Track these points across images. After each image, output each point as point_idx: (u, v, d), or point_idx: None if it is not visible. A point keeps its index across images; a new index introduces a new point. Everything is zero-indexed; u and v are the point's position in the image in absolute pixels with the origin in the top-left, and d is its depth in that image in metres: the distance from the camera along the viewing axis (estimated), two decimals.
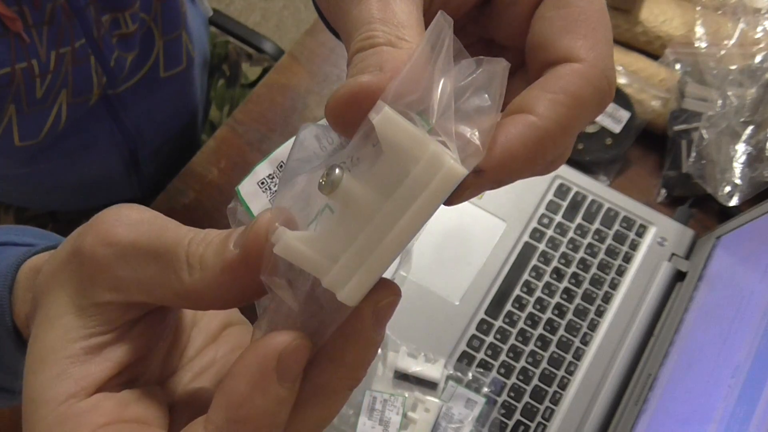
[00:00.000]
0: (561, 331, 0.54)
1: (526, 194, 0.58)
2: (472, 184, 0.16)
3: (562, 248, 0.56)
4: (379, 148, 0.15)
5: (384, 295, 0.16)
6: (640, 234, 0.57)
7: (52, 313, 0.18)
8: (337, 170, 0.15)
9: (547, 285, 0.55)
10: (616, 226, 0.57)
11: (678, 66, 0.60)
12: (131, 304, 0.18)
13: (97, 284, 0.17)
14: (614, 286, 0.55)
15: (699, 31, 0.60)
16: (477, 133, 0.15)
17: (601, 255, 0.56)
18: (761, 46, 0.58)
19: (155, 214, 0.18)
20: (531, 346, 0.53)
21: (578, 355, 0.53)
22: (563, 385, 0.52)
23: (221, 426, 0.15)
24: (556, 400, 0.51)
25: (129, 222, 0.18)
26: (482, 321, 0.53)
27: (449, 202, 0.16)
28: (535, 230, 0.57)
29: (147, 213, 0.18)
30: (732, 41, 0.59)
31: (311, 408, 0.16)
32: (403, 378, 0.50)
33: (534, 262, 0.56)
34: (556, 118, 0.16)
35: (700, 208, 0.60)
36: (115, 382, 0.18)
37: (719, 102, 0.57)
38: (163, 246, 0.17)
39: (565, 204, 0.58)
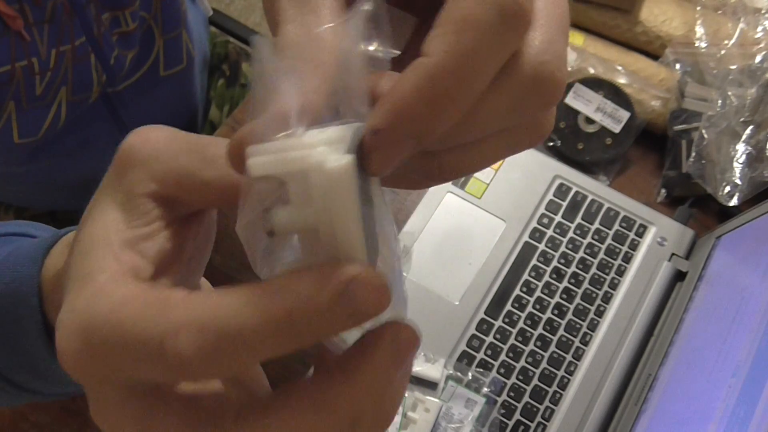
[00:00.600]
0: (561, 331, 0.54)
1: (526, 194, 0.58)
2: (379, 146, 0.15)
3: (562, 248, 0.56)
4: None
5: (405, 331, 0.16)
6: (640, 234, 0.57)
7: (96, 213, 0.19)
8: (271, 214, 0.15)
9: (547, 285, 0.55)
10: (616, 226, 0.57)
11: (678, 66, 0.60)
12: (166, 198, 0.19)
13: (135, 177, 0.19)
14: (614, 286, 0.55)
15: (699, 31, 0.60)
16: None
17: (601, 255, 0.56)
18: (761, 46, 0.58)
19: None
20: (531, 346, 0.53)
21: (578, 355, 0.53)
22: (563, 385, 0.52)
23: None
24: (556, 400, 0.51)
25: (164, 127, 0.19)
26: (482, 321, 0.53)
27: (384, 177, 0.16)
28: (535, 230, 0.57)
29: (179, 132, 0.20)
30: (732, 41, 0.59)
31: (305, 419, 0.16)
32: None
33: (534, 262, 0.56)
34: (445, 49, 0.14)
35: (700, 208, 0.60)
36: (146, 274, 0.18)
37: (719, 102, 0.57)
38: (194, 143, 0.19)
39: (564, 204, 0.58)
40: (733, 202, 0.56)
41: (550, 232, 0.57)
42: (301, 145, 0.15)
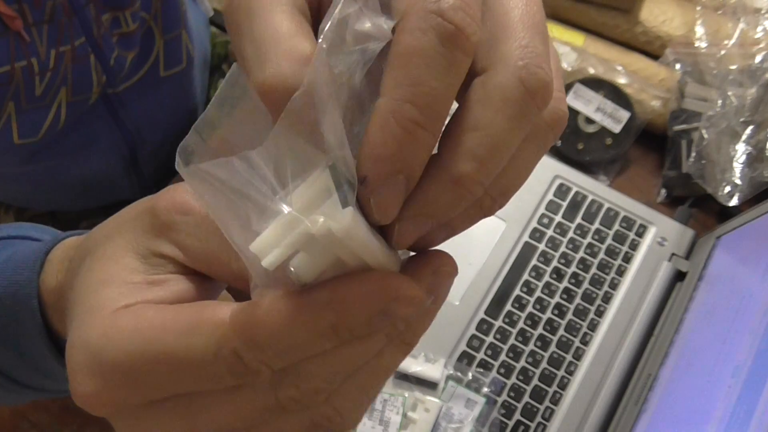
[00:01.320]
0: (561, 331, 0.53)
1: (526, 194, 0.58)
2: (372, 192, 0.15)
3: (562, 248, 0.56)
4: None
5: (449, 265, 0.18)
6: (640, 234, 0.57)
7: (110, 252, 0.19)
8: (292, 269, 0.16)
9: (547, 285, 0.55)
10: (616, 226, 0.57)
11: (678, 66, 0.60)
12: (185, 267, 0.19)
13: (163, 239, 0.19)
14: (614, 286, 0.55)
15: (699, 31, 0.60)
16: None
17: (601, 255, 0.56)
18: (761, 46, 0.58)
19: None
20: (531, 346, 0.53)
21: (578, 355, 0.53)
22: (563, 385, 0.52)
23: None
24: (556, 400, 0.51)
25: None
26: (482, 321, 0.53)
27: (397, 239, 0.17)
28: (535, 230, 0.57)
29: None
30: (732, 41, 0.59)
31: (349, 343, 0.17)
32: (403, 378, 0.50)
33: (534, 262, 0.56)
34: (396, 84, 0.15)
35: (700, 208, 0.60)
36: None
37: (719, 102, 0.57)
38: None
39: (564, 204, 0.58)
40: (733, 202, 0.56)
41: (550, 232, 0.57)
42: (296, 219, 0.15)
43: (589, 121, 0.61)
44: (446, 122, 0.16)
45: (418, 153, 0.15)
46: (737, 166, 0.56)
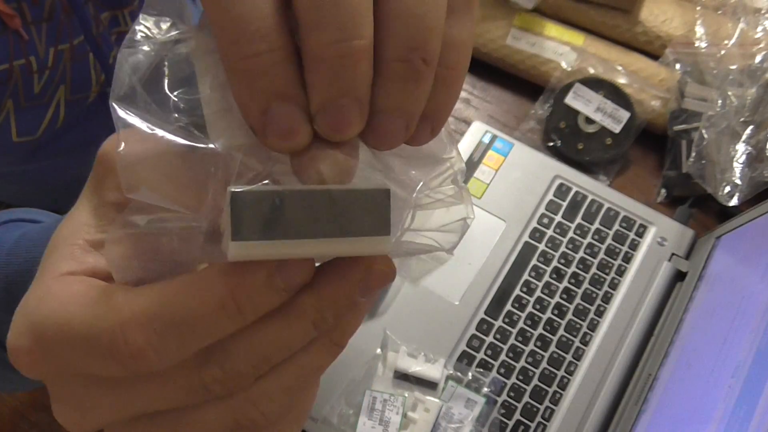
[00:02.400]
0: (561, 331, 0.53)
1: (526, 194, 0.58)
2: (333, 118, 0.16)
3: (562, 248, 0.56)
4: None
5: (382, 264, 0.18)
6: (640, 234, 0.57)
7: (73, 212, 0.20)
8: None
9: (547, 285, 0.55)
10: (616, 226, 0.57)
11: (678, 66, 0.60)
12: None
13: (107, 183, 0.19)
14: (614, 286, 0.55)
15: (699, 31, 0.60)
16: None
17: (601, 255, 0.56)
18: (761, 46, 0.58)
19: None
20: (531, 346, 0.53)
21: (578, 355, 0.53)
22: (563, 385, 0.52)
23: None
24: (556, 400, 0.51)
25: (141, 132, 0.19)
26: (482, 321, 0.53)
27: (382, 140, 0.17)
28: (535, 230, 0.57)
29: None
30: (732, 41, 0.59)
31: (275, 320, 0.17)
32: (403, 378, 0.50)
33: (534, 262, 0.56)
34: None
35: (700, 208, 0.60)
36: (106, 274, 0.19)
37: (719, 102, 0.57)
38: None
39: (564, 204, 0.58)
40: (733, 202, 0.56)
41: (550, 232, 0.57)
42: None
43: (589, 121, 0.61)
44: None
45: (358, 70, 0.16)
46: (737, 166, 0.56)
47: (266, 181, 0.17)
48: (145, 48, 0.17)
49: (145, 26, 0.18)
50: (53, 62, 0.49)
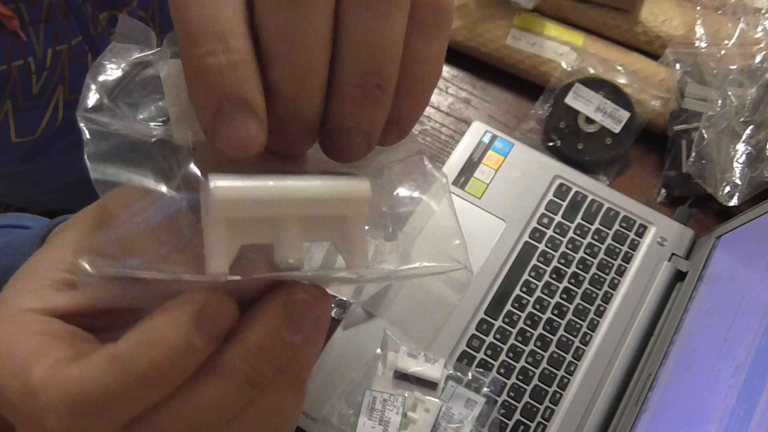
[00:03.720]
0: (561, 331, 0.53)
1: (526, 194, 0.58)
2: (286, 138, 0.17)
3: (562, 248, 0.56)
4: None
5: (301, 292, 0.17)
6: (640, 234, 0.57)
7: (53, 242, 0.19)
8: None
9: (547, 285, 0.55)
10: (616, 226, 0.57)
11: (678, 66, 0.60)
12: None
13: (102, 235, 0.19)
14: (614, 286, 0.55)
15: (699, 31, 0.60)
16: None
17: (601, 255, 0.56)
18: (761, 46, 0.58)
19: None
20: (531, 346, 0.53)
21: (578, 355, 0.53)
22: (563, 385, 0.52)
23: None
24: (556, 400, 0.51)
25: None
26: (482, 321, 0.53)
27: (337, 153, 0.18)
28: (534, 230, 0.57)
29: None
30: (732, 41, 0.59)
31: (203, 384, 0.16)
32: (403, 378, 0.50)
33: (534, 262, 0.56)
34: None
35: (700, 208, 0.60)
36: (76, 320, 0.18)
37: (719, 102, 0.57)
38: None
39: (564, 204, 0.58)
40: (733, 202, 0.55)
41: (550, 232, 0.57)
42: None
43: (589, 121, 0.60)
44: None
45: (310, 91, 0.16)
46: (737, 166, 0.56)
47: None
48: (115, 68, 0.18)
49: (115, 52, 0.18)
50: (51, 63, 0.49)
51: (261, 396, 0.17)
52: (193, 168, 0.16)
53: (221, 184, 0.15)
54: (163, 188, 0.17)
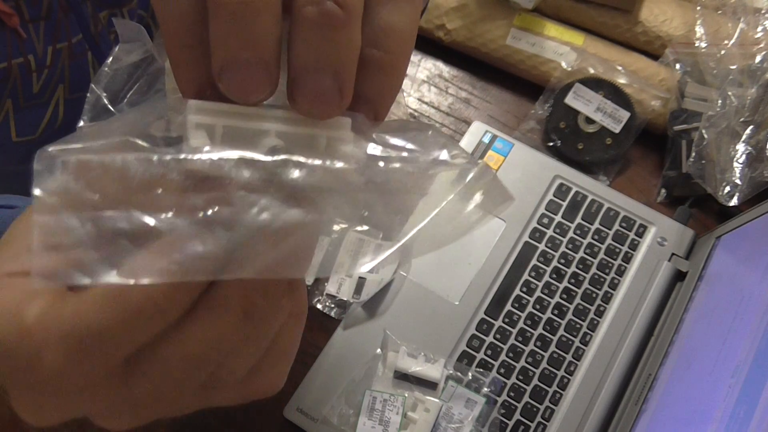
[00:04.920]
0: (561, 331, 0.53)
1: (526, 194, 0.58)
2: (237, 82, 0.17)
3: (562, 248, 0.56)
4: None
5: (269, 288, 0.17)
6: (640, 234, 0.57)
7: (29, 210, 0.19)
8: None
9: (547, 285, 0.55)
10: (616, 226, 0.57)
11: (678, 66, 0.60)
12: None
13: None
14: (614, 286, 0.55)
15: (699, 31, 0.60)
16: None
17: (601, 255, 0.56)
18: (761, 46, 0.58)
19: None
20: (531, 346, 0.53)
21: (578, 355, 0.53)
22: (563, 385, 0.52)
23: None
24: (556, 400, 0.51)
25: None
26: (482, 321, 0.53)
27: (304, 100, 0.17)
28: (534, 230, 0.57)
29: None
30: (732, 41, 0.59)
31: (201, 317, 0.16)
32: (403, 378, 0.50)
33: (534, 262, 0.56)
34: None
35: (700, 208, 0.60)
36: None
37: (719, 102, 0.57)
38: None
39: (564, 204, 0.58)
40: (733, 202, 0.56)
41: (550, 232, 0.57)
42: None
43: (589, 121, 0.60)
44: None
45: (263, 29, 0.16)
46: (737, 166, 0.56)
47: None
48: (117, 73, 0.19)
49: (117, 58, 0.19)
50: (52, 61, 0.49)
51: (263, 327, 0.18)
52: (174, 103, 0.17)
53: (196, 106, 0.16)
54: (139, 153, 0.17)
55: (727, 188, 0.56)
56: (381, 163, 0.17)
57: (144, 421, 0.18)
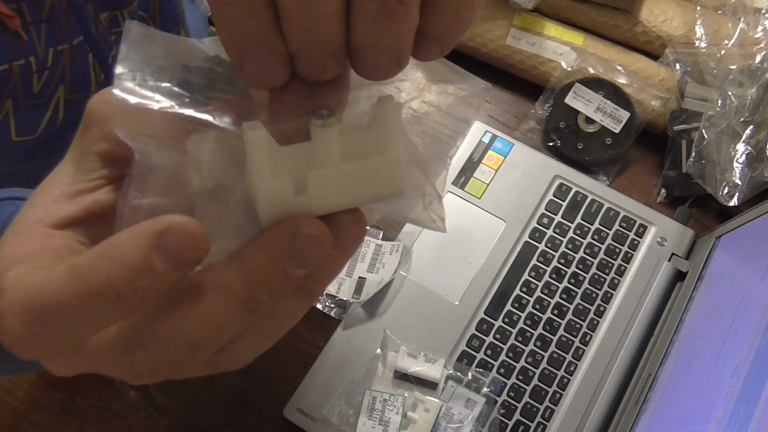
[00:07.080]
0: (561, 331, 0.53)
1: (526, 194, 0.58)
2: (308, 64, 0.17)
3: (562, 248, 0.56)
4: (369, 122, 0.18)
5: (311, 228, 0.17)
6: (640, 234, 0.57)
7: (57, 166, 0.21)
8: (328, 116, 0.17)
9: (547, 285, 0.55)
10: (616, 226, 0.57)
11: (678, 66, 0.60)
12: (115, 157, 0.20)
13: (90, 135, 0.20)
14: (614, 286, 0.55)
15: (699, 31, 0.60)
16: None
17: (601, 255, 0.56)
18: (761, 46, 0.58)
19: None
20: (531, 346, 0.53)
21: (578, 355, 0.53)
22: (563, 385, 0.52)
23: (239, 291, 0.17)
24: (556, 400, 0.51)
25: (128, 86, 0.20)
26: (482, 321, 0.53)
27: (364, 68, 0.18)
28: (534, 230, 0.57)
29: None
30: (732, 41, 0.59)
31: (200, 301, 0.17)
32: (403, 378, 0.50)
33: (534, 261, 0.56)
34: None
35: (700, 208, 0.60)
36: (77, 222, 0.20)
37: (719, 102, 0.57)
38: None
39: (564, 204, 0.58)
40: (733, 202, 0.55)
41: (550, 232, 0.57)
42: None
43: (589, 120, 0.60)
44: None
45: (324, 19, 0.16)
46: (737, 166, 0.56)
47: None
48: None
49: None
50: (52, 62, 0.49)
51: (268, 315, 0.18)
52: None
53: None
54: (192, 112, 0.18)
55: (727, 188, 0.56)
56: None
57: (148, 382, 0.18)
